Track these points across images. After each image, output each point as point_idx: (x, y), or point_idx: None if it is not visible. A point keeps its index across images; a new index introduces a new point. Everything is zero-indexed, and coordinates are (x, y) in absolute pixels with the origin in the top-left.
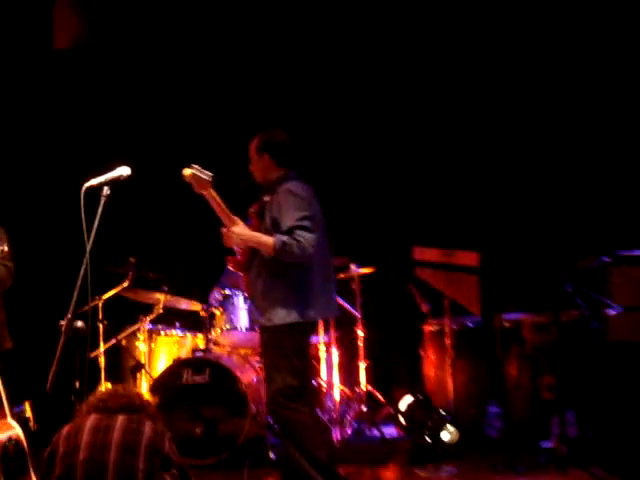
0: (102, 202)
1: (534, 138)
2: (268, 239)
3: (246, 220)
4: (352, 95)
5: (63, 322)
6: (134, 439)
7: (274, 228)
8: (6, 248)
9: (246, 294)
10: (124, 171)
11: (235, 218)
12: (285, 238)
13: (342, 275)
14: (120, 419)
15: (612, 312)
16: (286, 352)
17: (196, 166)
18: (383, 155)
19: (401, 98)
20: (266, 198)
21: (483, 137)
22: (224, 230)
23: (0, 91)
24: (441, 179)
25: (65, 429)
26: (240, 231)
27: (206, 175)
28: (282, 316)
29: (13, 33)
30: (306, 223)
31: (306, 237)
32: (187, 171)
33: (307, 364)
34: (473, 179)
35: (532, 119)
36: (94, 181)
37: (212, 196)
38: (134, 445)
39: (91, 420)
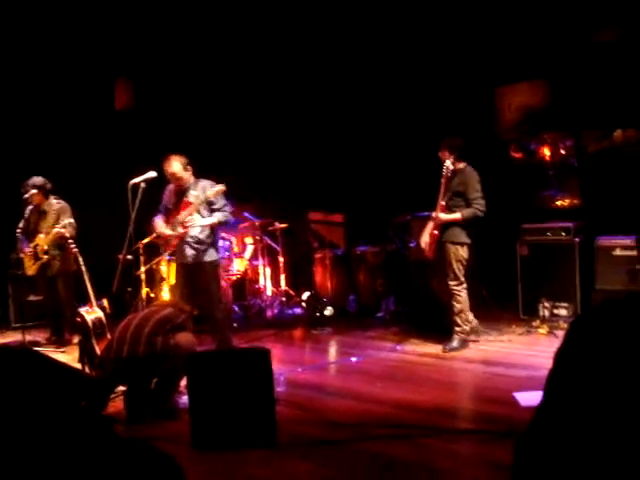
0: (140, 191)
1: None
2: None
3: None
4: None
5: (120, 255)
6: (150, 314)
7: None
8: (72, 220)
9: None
10: (152, 174)
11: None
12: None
13: (270, 228)
14: (152, 308)
15: (411, 245)
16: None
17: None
18: (290, 157)
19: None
20: (194, 192)
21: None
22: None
23: (79, 132)
24: (325, 171)
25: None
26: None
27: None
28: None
29: (94, 98)
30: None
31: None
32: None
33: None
34: (343, 172)
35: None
36: (135, 180)
37: None
38: (149, 316)
39: None
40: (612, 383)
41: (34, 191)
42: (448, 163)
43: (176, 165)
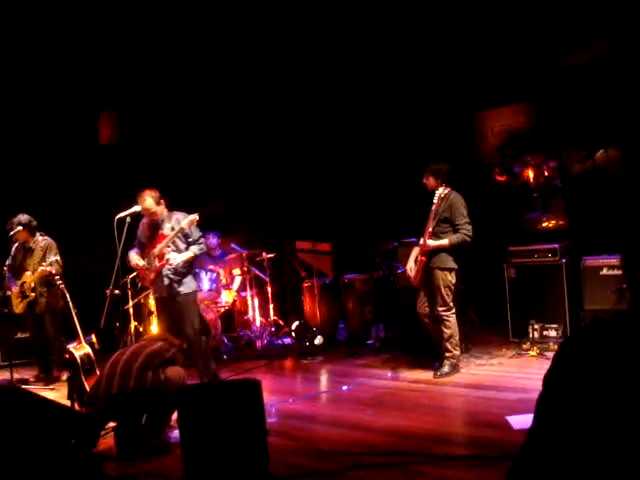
0: (126, 225)
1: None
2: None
3: None
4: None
5: (108, 290)
6: (140, 348)
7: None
8: (58, 257)
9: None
10: (137, 208)
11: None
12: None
13: (258, 258)
14: (142, 342)
15: (399, 271)
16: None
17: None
18: (278, 193)
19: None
20: (168, 225)
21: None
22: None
23: (64, 167)
24: (311, 200)
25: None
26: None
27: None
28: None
29: (78, 133)
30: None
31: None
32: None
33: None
34: (329, 201)
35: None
36: (121, 215)
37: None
38: (138, 351)
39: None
40: (601, 403)
41: (20, 228)
42: (440, 191)
43: (148, 200)
